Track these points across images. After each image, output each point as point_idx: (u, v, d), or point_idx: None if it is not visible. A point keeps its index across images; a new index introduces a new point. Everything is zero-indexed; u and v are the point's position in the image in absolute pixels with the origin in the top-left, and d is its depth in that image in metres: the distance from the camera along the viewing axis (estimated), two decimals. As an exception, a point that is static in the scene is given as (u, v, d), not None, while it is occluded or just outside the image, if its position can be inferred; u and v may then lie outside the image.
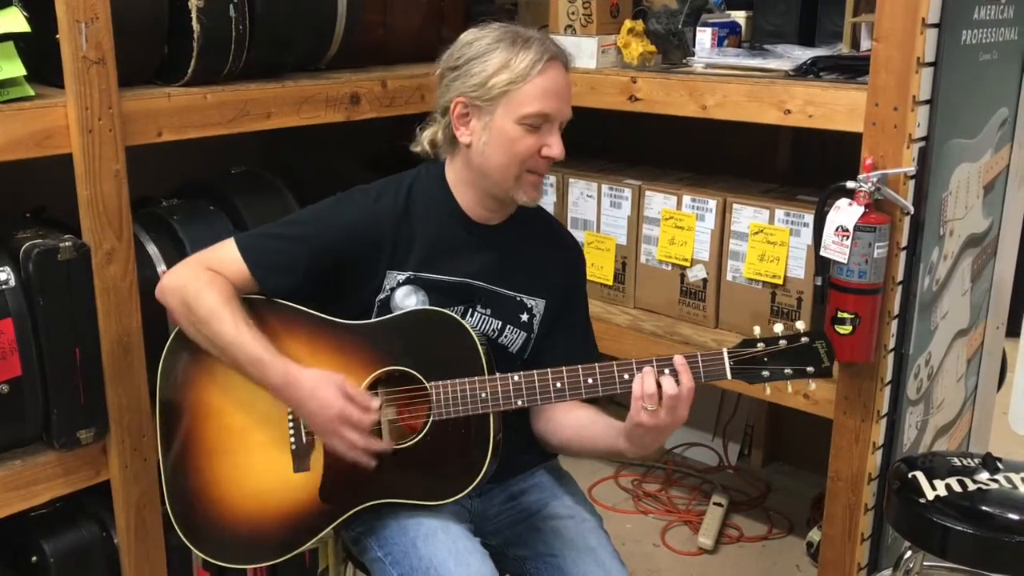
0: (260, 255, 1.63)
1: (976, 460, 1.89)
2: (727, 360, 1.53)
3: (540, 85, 1.57)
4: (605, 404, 1.70)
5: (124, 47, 1.77)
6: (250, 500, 1.63)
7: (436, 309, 1.63)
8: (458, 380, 1.56)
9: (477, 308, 1.70)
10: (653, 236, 2.45)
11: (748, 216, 2.28)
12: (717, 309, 2.39)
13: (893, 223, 1.92)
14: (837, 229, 1.90)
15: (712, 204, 2.33)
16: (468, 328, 1.59)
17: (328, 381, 1.53)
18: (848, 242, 1.89)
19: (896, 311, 2.00)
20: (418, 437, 1.58)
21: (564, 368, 1.56)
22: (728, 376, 1.54)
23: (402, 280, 1.66)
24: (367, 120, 2.28)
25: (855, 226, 1.88)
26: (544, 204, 1.74)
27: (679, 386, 1.48)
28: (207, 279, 1.59)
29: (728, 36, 2.43)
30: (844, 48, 2.26)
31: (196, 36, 1.91)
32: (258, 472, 1.63)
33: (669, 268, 2.44)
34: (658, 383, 1.48)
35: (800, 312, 2.23)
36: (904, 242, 1.96)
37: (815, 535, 2.63)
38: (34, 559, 1.87)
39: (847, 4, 2.25)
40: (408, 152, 1.75)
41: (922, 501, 1.77)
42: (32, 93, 1.73)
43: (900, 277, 1.98)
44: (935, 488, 1.80)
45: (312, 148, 2.61)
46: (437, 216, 1.68)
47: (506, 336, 1.72)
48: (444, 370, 1.57)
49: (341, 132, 2.35)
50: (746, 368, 1.54)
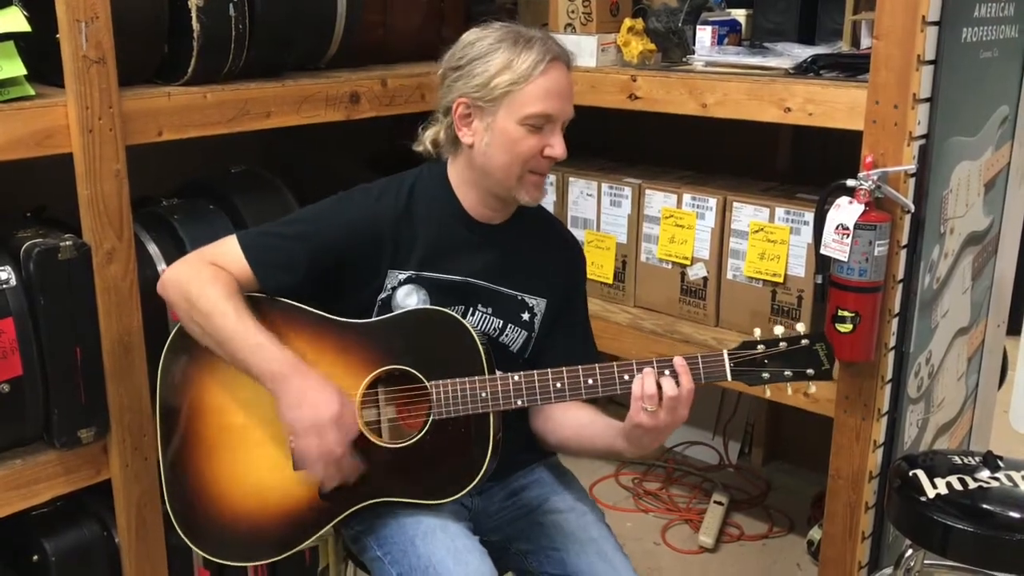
0: (261, 253, 1.63)
1: (977, 458, 1.89)
2: (727, 362, 1.53)
3: (542, 85, 1.57)
4: (605, 404, 1.70)
5: (124, 46, 1.77)
6: (250, 498, 1.63)
7: (437, 308, 1.63)
8: (458, 379, 1.56)
9: (478, 307, 1.70)
10: (653, 235, 2.45)
11: (748, 214, 2.28)
12: (717, 308, 2.39)
13: (893, 221, 1.92)
14: (837, 227, 1.90)
15: (712, 202, 2.33)
16: (469, 327, 1.59)
17: (333, 385, 1.53)
18: (848, 240, 1.89)
19: (897, 309, 2.00)
20: (418, 436, 1.58)
21: (564, 368, 1.56)
22: (728, 378, 1.54)
23: (403, 279, 1.66)
24: (367, 119, 2.28)
25: (855, 224, 1.88)
26: (544, 203, 1.74)
27: (679, 387, 1.48)
28: (210, 274, 1.59)
29: (728, 34, 2.43)
30: (844, 46, 2.25)
31: (196, 35, 1.91)
32: (258, 470, 1.63)
33: (669, 267, 2.44)
34: (658, 384, 1.48)
35: (800, 310, 2.23)
36: (904, 240, 1.96)
37: (816, 533, 2.63)
38: (35, 558, 1.88)
39: (847, 2, 2.25)
40: (408, 151, 1.75)
41: (923, 499, 1.77)
42: (32, 92, 1.73)
43: (900, 275, 1.98)
44: (936, 486, 1.80)
45: (312, 147, 2.61)
46: (439, 215, 1.68)
47: (507, 335, 1.72)
48: (444, 369, 1.57)
49: (341, 131, 2.35)
50: (746, 370, 1.54)
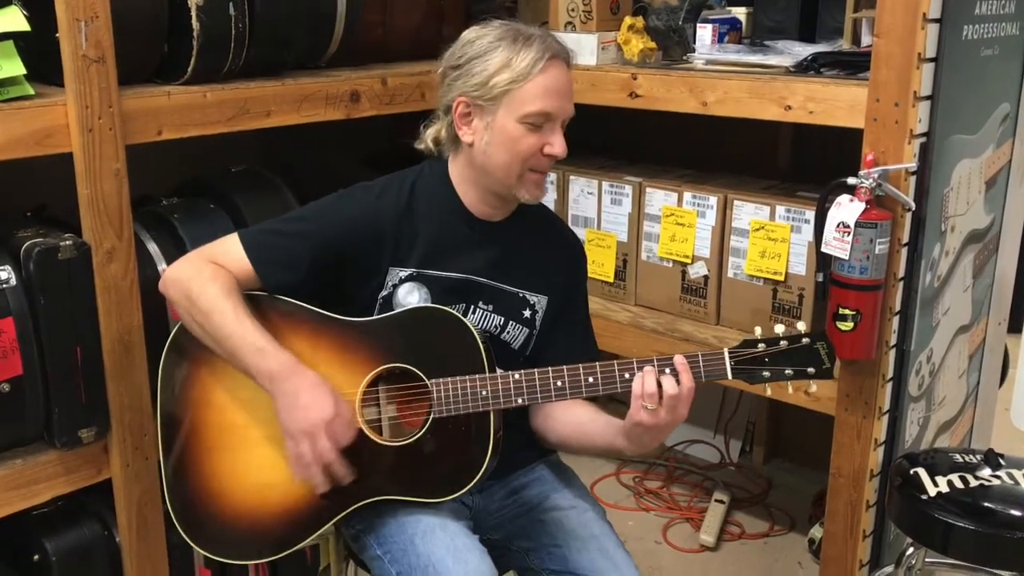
0: (263, 251, 1.63)
1: (978, 456, 1.89)
2: (728, 360, 1.53)
3: (541, 84, 1.57)
4: (605, 402, 1.69)
5: (124, 45, 1.77)
6: (250, 496, 1.63)
7: (438, 307, 1.63)
8: (459, 378, 1.56)
9: (479, 304, 1.69)
10: (654, 233, 2.45)
11: (749, 213, 2.28)
12: (718, 306, 2.38)
13: (894, 219, 1.92)
14: (838, 225, 1.90)
15: (713, 201, 2.33)
16: (469, 326, 1.59)
17: (329, 387, 1.52)
18: (849, 238, 1.89)
19: (897, 307, 2.00)
20: (418, 434, 1.58)
21: (565, 367, 1.55)
22: (729, 376, 1.54)
23: (404, 277, 1.66)
24: (367, 118, 2.28)
25: (856, 222, 1.88)
26: (545, 201, 1.74)
27: (679, 386, 1.48)
28: (210, 272, 1.59)
29: (729, 32, 2.43)
30: (845, 44, 2.25)
31: (196, 34, 1.91)
32: (258, 468, 1.63)
33: (670, 265, 2.44)
34: (658, 382, 1.48)
35: (801, 309, 2.22)
36: (905, 238, 1.95)
37: (817, 532, 2.63)
38: (36, 558, 1.88)
39: (848, 0, 2.25)
40: (408, 150, 1.75)
41: (924, 497, 1.77)
42: (32, 92, 1.73)
43: (901, 273, 1.98)
44: (937, 484, 1.80)
45: (312, 146, 2.61)
46: (439, 213, 1.68)
47: (508, 332, 1.72)
48: (445, 367, 1.57)
49: (341, 130, 2.35)
50: (747, 368, 1.54)
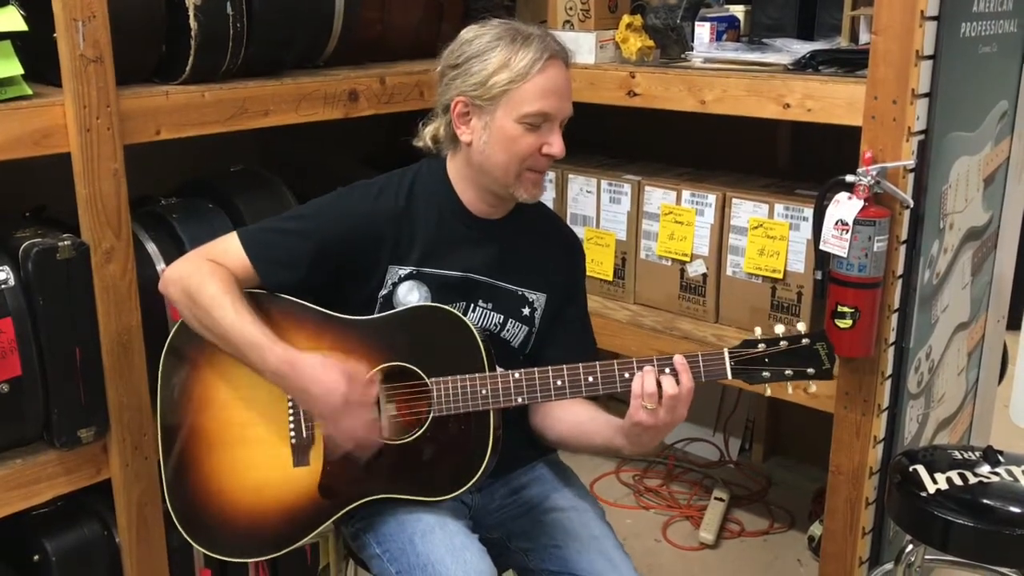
0: (263, 249, 1.63)
1: (977, 453, 1.89)
2: (728, 360, 1.53)
3: (540, 84, 1.56)
4: (606, 401, 1.69)
5: (122, 45, 1.77)
6: (249, 494, 1.63)
7: (438, 305, 1.63)
8: (459, 377, 1.56)
9: (479, 303, 1.69)
10: (653, 231, 2.45)
11: (748, 211, 2.28)
12: (717, 304, 2.38)
13: (893, 217, 1.92)
14: (837, 223, 1.90)
15: (711, 199, 2.33)
16: (469, 324, 1.59)
17: (330, 365, 1.52)
18: (848, 236, 1.89)
19: (896, 305, 2.00)
20: (418, 433, 1.58)
21: (564, 366, 1.56)
22: (728, 376, 1.54)
23: (404, 275, 1.66)
24: (365, 117, 2.27)
25: (854, 220, 1.88)
26: (543, 200, 1.74)
27: (679, 386, 1.48)
28: (209, 269, 1.59)
29: (727, 30, 2.43)
30: (843, 42, 2.25)
31: (194, 34, 1.91)
32: (257, 466, 1.63)
33: (669, 263, 2.44)
34: (658, 382, 1.48)
35: (800, 307, 2.23)
36: (904, 236, 1.95)
37: (816, 529, 2.63)
38: (36, 558, 1.87)
39: (845, -3, 2.25)
40: (407, 149, 1.75)
41: (923, 495, 1.77)
42: (30, 92, 1.72)
43: (900, 271, 1.98)
44: (936, 482, 1.80)
45: (311, 145, 2.61)
46: (438, 211, 1.68)
47: (508, 330, 1.72)
48: (445, 366, 1.57)
49: (340, 129, 2.35)
50: (747, 368, 1.54)
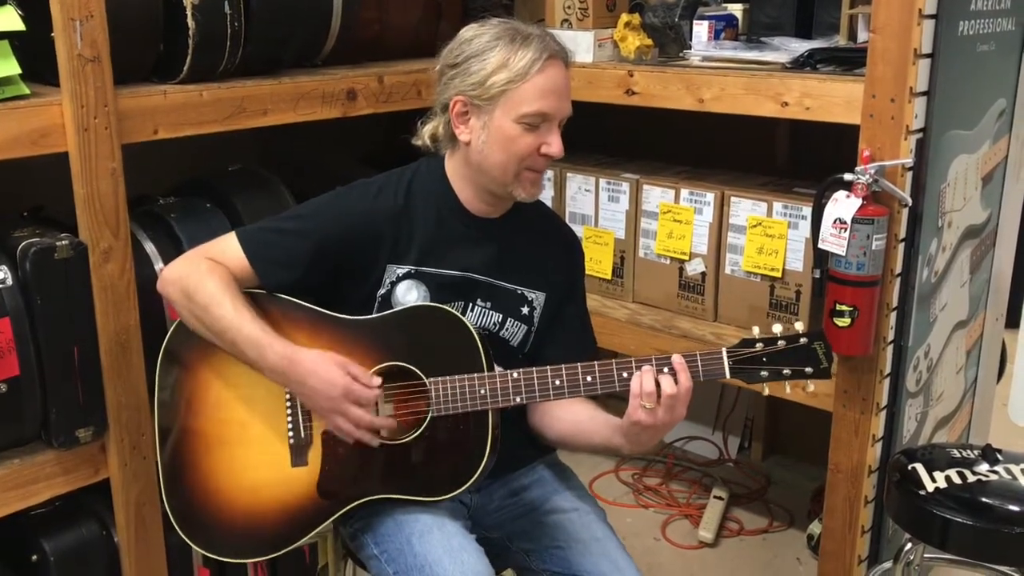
0: (261, 249, 1.63)
1: (976, 452, 1.89)
2: (726, 360, 1.53)
3: (539, 84, 1.56)
4: (605, 399, 1.69)
5: (119, 45, 1.77)
6: (247, 494, 1.63)
7: (437, 305, 1.63)
8: (457, 376, 1.56)
9: (477, 302, 1.69)
10: (651, 230, 2.45)
11: (746, 209, 2.28)
12: (716, 302, 2.38)
13: (891, 215, 1.92)
14: (835, 221, 1.90)
15: (710, 197, 2.33)
16: (468, 324, 1.59)
17: (329, 359, 1.53)
18: (846, 234, 1.89)
19: (895, 303, 2.00)
20: (416, 433, 1.58)
21: (563, 366, 1.55)
22: (727, 376, 1.54)
23: (402, 274, 1.66)
24: (364, 116, 2.27)
25: (853, 218, 1.88)
26: (542, 198, 1.74)
27: (677, 385, 1.48)
28: (207, 268, 1.59)
29: (725, 29, 2.43)
30: (841, 40, 2.25)
31: (191, 33, 1.91)
32: (256, 466, 1.63)
33: (667, 262, 2.44)
34: (656, 382, 1.48)
35: (799, 305, 2.23)
36: (902, 234, 1.95)
37: (815, 528, 2.64)
38: (34, 558, 1.87)
39: (843, -4, 2.25)
40: (405, 148, 1.75)
41: (922, 493, 1.77)
42: (27, 92, 1.72)
43: (898, 269, 1.98)
44: (935, 480, 1.80)
45: (309, 144, 2.61)
46: (436, 210, 1.68)
47: (507, 329, 1.72)
48: (443, 366, 1.57)
49: (338, 128, 2.35)
50: (745, 368, 1.54)
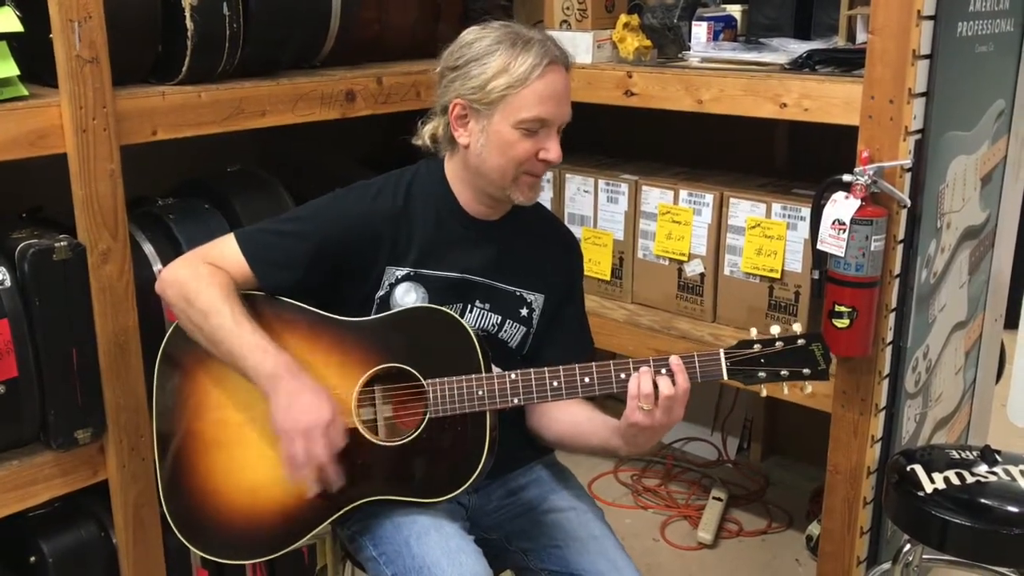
0: (260, 251, 1.63)
1: (975, 453, 1.89)
2: (724, 361, 1.53)
3: (538, 90, 1.56)
4: (603, 400, 1.69)
5: (118, 46, 1.76)
6: (245, 495, 1.63)
7: (435, 307, 1.63)
8: (455, 378, 1.56)
9: (476, 303, 1.69)
10: (650, 231, 2.45)
11: (745, 210, 2.28)
12: (715, 303, 2.38)
13: (890, 216, 1.92)
14: (834, 222, 1.90)
15: (709, 198, 2.33)
16: (466, 326, 1.59)
17: (328, 393, 1.52)
18: (845, 235, 1.89)
19: (894, 304, 2.00)
20: (414, 434, 1.58)
21: (561, 367, 1.55)
22: (725, 377, 1.53)
23: (401, 276, 1.66)
24: (362, 117, 2.27)
25: (852, 219, 1.88)
26: (541, 200, 1.74)
27: (675, 386, 1.48)
28: (207, 273, 1.59)
29: (724, 30, 2.43)
30: (840, 41, 2.25)
31: (190, 34, 1.91)
32: (253, 467, 1.63)
33: (666, 263, 2.44)
34: (654, 383, 1.48)
35: (798, 306, 2.23)
36: (901, 235, 1.95)
37: (814, 529, 2.63)
38: (33, 559, 1.87)
39: (842, -3, 2.25)
40: (404, 149, 1.75)
41: (921, 494, 1.77)
42: (26, 93, 1.72)
43: (897, 270, 1.98)
44: (934, 481, 1.80)
45: (308, 146, 2.61)
46: (435, 212, 1.68)
47: (505, 331, 1.72)
48: (441, 367, 1.57)
49: (336, 129, 2.35)
50: (743, 369, 1.54)
